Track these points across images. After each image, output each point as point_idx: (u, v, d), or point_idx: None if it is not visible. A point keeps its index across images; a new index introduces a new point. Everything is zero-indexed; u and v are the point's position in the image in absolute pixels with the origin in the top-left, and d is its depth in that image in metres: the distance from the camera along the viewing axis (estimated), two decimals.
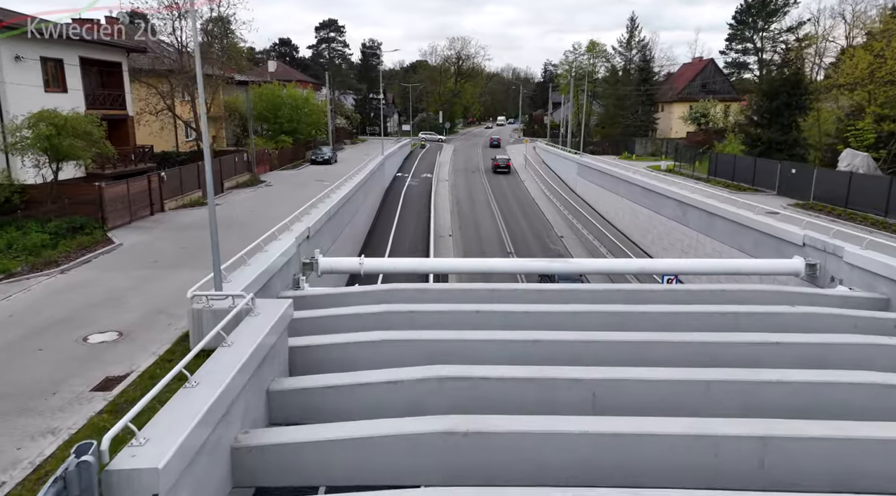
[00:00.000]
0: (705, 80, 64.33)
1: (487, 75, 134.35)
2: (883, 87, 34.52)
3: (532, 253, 34.19)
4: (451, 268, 18.41)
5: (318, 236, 19.49)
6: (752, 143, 38.59)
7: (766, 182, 31.68)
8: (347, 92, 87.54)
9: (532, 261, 17.75)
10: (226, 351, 8.19)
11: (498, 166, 59.12)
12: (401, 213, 41.53)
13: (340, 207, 23.95)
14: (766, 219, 19.88)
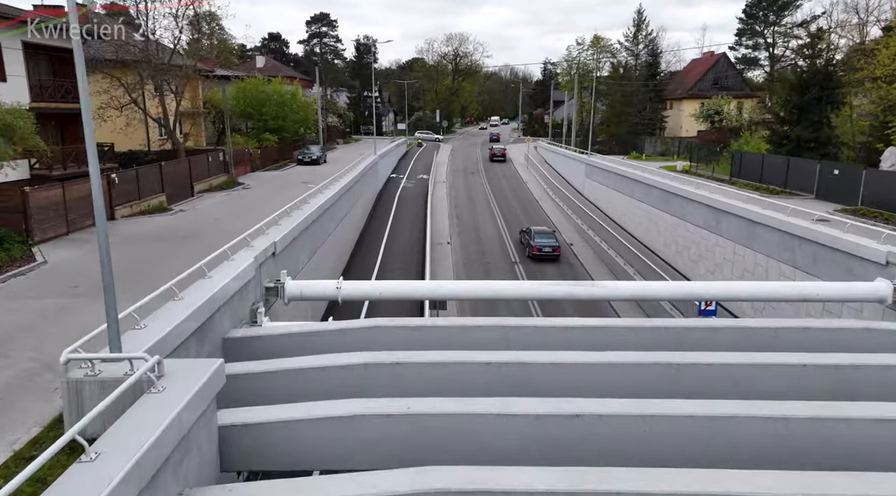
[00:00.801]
0: (717, 76, 61.02)
1: (485, 74, 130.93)
2: None
3: (539, 264, 30.79)
4: (449, 292, 14.55)
5: (288, 252, 16.05)
6: (778, 142, 35.25)
7: (801, 184, 28.35)
8: (340, 89, 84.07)
9: (549, 286, 14.13)
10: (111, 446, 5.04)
11: (494, 155, 65.60)
12: (394, 217, 38.10)
13: (321, 215, 20.51)
14: (831, 230, 16.49)
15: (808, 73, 33.57)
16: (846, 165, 26.05)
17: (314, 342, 11.04)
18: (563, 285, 14.09)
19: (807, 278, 17.22)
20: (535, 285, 14.52)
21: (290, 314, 16.04)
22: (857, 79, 34.46)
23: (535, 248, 31.12)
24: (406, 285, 14.63)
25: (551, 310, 22.06)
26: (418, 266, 27.61)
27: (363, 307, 20.20)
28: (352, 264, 26.52)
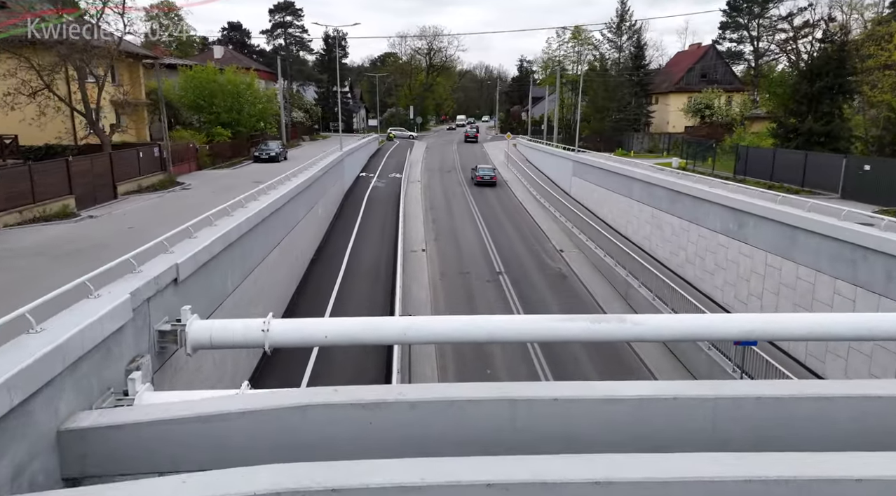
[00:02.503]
0: (705, 69, 58.16)
1: (461, 72, 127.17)
2: None
3: (526, 272, 26.93)
4: (422, 334, 9.36)
5: (202, 277, 11.79)
6: (785, 136, 32.08)
7: (822, 182, 25.07)
8: (308, 83, 79.22)
9: (561, 322, 9.13)
10: None
11: (481, 180, 46.47)
12: (362, 221, 33.87)
13: (259, 223, 16.25)
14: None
15: (820, 59, 30.41)
16: (880, 161, 22.81)
17: (213, 433, 6.76)
18: (580, 320, 9.61)
19: (875, 300, 13.63)
20: (540, 321, 10.06)
21: (204, 373, 11.77)
22: (870, 66, 31.54)
23: (479, 176, 46.27)
24: (363, 325, 10.26)
25: (556, 351, 18.09)
26: (387, 281, 23.48)
27: (311, 355, 15.97)
28: (305, 286, 22.25)
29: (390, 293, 21.81)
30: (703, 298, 21.23)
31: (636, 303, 22.25)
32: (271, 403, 7.06)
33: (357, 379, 16.43)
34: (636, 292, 22.24)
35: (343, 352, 16.43)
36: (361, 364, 16.66)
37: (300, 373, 15.84)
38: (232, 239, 13.68)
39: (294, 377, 15.33)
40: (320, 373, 15.88)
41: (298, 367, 15.40)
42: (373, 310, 20.53)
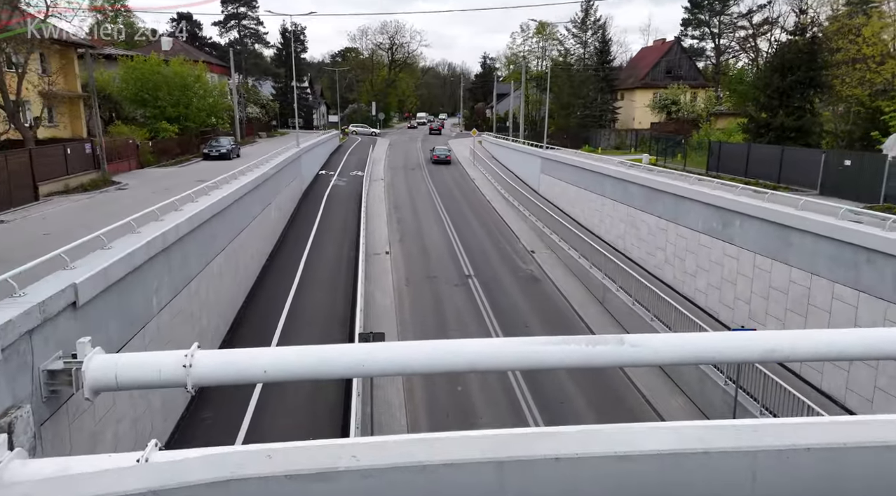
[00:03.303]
0: (670, 65, 57.83)
1: (423, 68, 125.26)
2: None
3: (497, 275, 25.38)
4: (385, 364, 6.76)
5: (111, 298, 9.75)
6: (756, 131, 31.43)
7: (799, 178, 24.28)
8: (264, 78, 75.96)
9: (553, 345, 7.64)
10: None
11: (437, 158, 55.99)
12: (321, 223, 31.75)
13: (196, 228, 14.16)
14: None
15: (791, 53, 29.78)
16: (860, 155, 22.08)
17: None
18: (573, 343, 8.12)
19: (881, 307, 12.49)
20: (526, 344, 8.41)
21: (114, 420, 9.71)
22: (839, 60, 31.15)
23: (436, 155, 55.01)
24: (312, 356, 8.29)
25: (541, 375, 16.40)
26: (348, 289, 21.54)
27: (254, 391, 13.92)
28: (255, 298, 20.10)
29: (351, 303, 19.93)
30: (688, 303, 20.05)
31: (614, 308, 20.94)
32: (180, 478, 5.10)
33: (312, 401, 14.54)
34: (614, 296, 20.93)
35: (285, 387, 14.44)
36: (319, 382, 14.75)
37: (246, 398, 13.85)
38: (158, 248, 11.60)
39: (236, 408, 13.34)
40: (269, 399, 13.92)
41: (237, 408, 13.37)
42: (330, 323, 18.59)
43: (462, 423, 14.66)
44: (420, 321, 20.81)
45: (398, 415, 14.89)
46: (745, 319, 17.39)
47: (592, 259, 23.53)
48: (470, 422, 14.69)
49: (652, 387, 16.08)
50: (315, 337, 17.28)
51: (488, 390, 16.46)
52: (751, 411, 13.05)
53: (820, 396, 13.76)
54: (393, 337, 18.96)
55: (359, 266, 21.63)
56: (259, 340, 16.56)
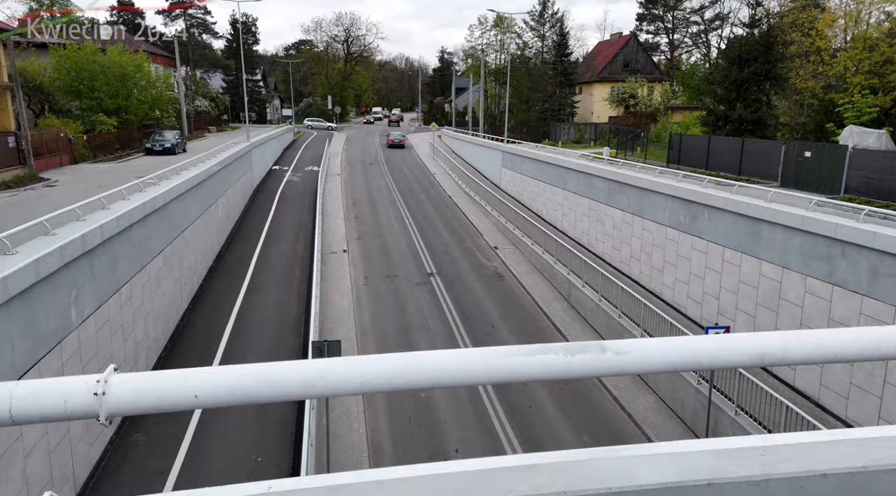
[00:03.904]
0: (627, 59, 58.08)
1: (381, 62, 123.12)
2: (865, 52, 28.60)
3: (460, 272, 24.51)
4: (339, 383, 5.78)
5: (13, 311, 8.35)
6: (715, 124, 31.49)
7: (760, 170, 24.25)
8: (213, 70, 72.88)
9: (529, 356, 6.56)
10: None
11: (392, 143, 62.08)
12: (274, 221, 30.18)
13: (128, 228, 12.70)
14: None
15: (748, 45, 29.87)
16: (821, 146, 22.10)
17: None
18: (552, 351, 7.18)
19: (857, 300, 12.14)
20: (498, 355, 7.45)
21: (18, 461, 8.30)
22: (793, 53, 31.49)
23: (391, 140, 61.58)
24: (254, 376, 7.27)
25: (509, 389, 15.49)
26: (302, 290, 20.23)
27: (193, 417, 12.58)
28: (199, 303, 18.59)
29: (305, 306, 18.67)
30: (656, 299, 19.61)
31: (580, 304, 20.35)
32: None
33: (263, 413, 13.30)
34: (580, 292, 20.33)
35: None
36: None
37: (187, 412, 12.51)
38: (77, 252, 10.17)
39: (174, 426, 11.99)
40: (215, 413, 12.62)
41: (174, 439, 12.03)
42: (283, 329, 17.28)
43: (425, 431, 13.71)
44: (380, 323, 19.74)
45: (356, 426, 13.82)
46: (713, 315, 17.02)
47: (557, 255, 22.91)
48: (434, 428, 13.75)
49: (621, 386, 15.49)
50: (266, 344, 16.00)
51: (452, 393, 15.56)
52: (725, 411, 12.56)
53: (793, 393, 13.39)
54: (351, 342, 17.85)
55: (314, 265, 20.32)
56: (203, 350, 15.18)
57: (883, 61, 27.80)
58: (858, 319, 11.97)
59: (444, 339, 18.62)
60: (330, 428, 13.08)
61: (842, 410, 12.47)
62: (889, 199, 18.30)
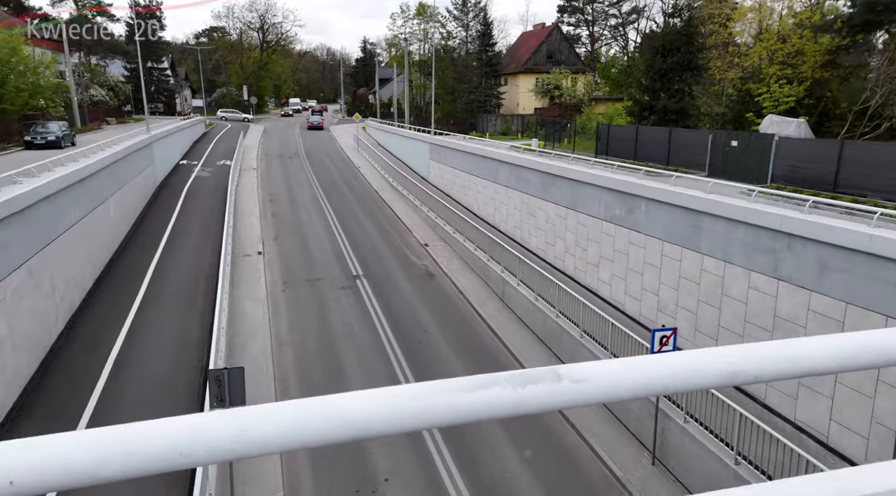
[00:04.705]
0: (551, 50, 58.02)
1: (301, 52, 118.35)
2: (778, 43, 29.34)
3: (389, 273, 22.88)
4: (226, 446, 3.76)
5: None
6: (640, 114, 31.45)
7: (688, 160, 24.13)
8: (111, 57, 66.68)
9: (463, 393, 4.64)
10: None
11: (311, 125, 67.16)
12: (178, 220, 27.24)
13: None
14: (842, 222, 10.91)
15: (671, 34, 29.90)
16: (747, 136, 22.11)
17: None
18: (499, 383, 5.67)
19: (804, 296, 11.59)
20: (438, 393, 5.71)
21: None
22: (712, 43, 31.96)
23: (310, 122, 67.33)
24: (99, 443, 5.03)
25: None
26: (207, 301, 17.88)
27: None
28: (79, 324, 15.90)
29: (211, 320, 16.41)
30: (593, 296, 18.81)
31: (516, 303, 19.27)
32: None
33: None
34: (515, 291, 19.25)
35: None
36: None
37: None
38: None
39: None
40: None
41: None
42: (181, 352, 14.94)
43: (350, 460, 12.04)
44: (300, 334, 17.80)
45: (271, 463, 11.93)
46: (653, 311, 16.36)
47: (490, 251, 21.73)
48: (363, 469, 12.00)
49: (585, 419, 14.43)
50: (158, 373, 13.68)
51: None
52: (673, 418, 11.74)
53: (741, 395, 12.79)
54: (265, 359, 15.84)
55: (220, 272, 18.00)
56: (78, 383, 12.72)
57: (794, 52, 28.58)
58: (806, 316, 11.43)
59: (373, 349, 16.98)
60: (236, 466, 11.14)
61: (790, 412, 11.95)
62: (815, 187, 18.33)
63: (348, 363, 16.24)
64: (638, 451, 12.83)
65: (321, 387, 15.00)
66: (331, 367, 15.96)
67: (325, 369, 15.87)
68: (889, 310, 9.85)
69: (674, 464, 11.95)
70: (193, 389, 12.74)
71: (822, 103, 27.76)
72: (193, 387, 12.76)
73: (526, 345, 17.35)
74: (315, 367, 15.94)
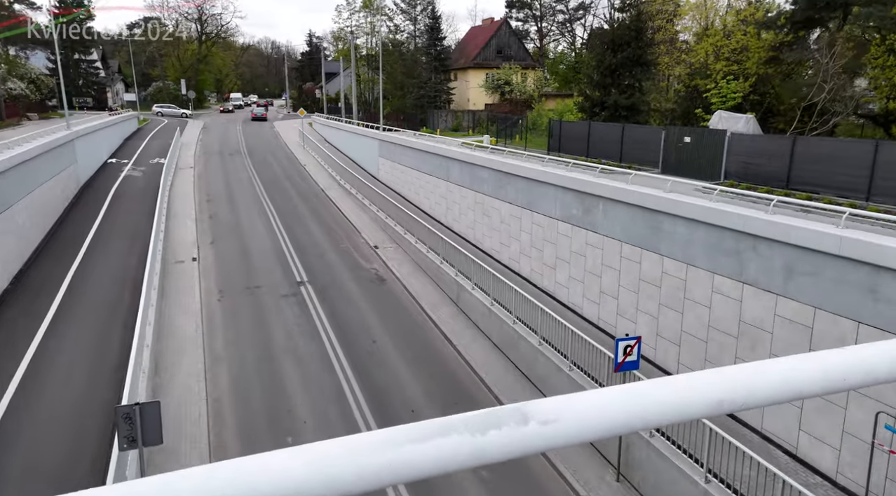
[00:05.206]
0: (501, 45, 57.42)
1: (244, 45, 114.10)
2: (724, 39, 29.55)
3: (336, 278, 21.57)
4: None
5: None
6: (591, 109, 31.11)
7: (641, 156, 23.81)
8: (31, 47, 61.93)
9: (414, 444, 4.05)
10: None
11: (255, 117, 70.62)
12: (103, 224, 25.01)
13: None
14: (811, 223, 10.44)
15: (621, 29, 29.62)
16: (700, 132, 21.89)
17: None
18: (455, 430, 4.70)
19: (770, 300, 11.10)
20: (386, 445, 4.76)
21: None
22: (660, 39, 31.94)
23: (254, 114, 71.71)
24: None
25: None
26: (130, 318, 16.11)
27: None
28: None
29: (125, 342, 14.71)
30: (549, 299, 18.09)
31: (470, 308, 18.35)
32: None
33: None
34: (470, 295, 18.32)
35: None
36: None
37: None
38: None
39: None
40: None
41: None
42: (94, 382, 13.20)
43: None
44: (237, 349, 16.32)
45: None
46: (613, 315, 15.75)
47: (443, 253, 20.72)
48: None
49: None
50: (62, 412, 11.98)
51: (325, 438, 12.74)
52: (640, 433, 11.03)
53: None
54: (196, 381, 14.33)
55: (144, 281, 16.22)
56: None
57: (740, 48, 28.81)
58: (773, 321, 10.93)
59: (318, 363, 15.70)
60: None
61: (757, 422, 11.46)
62: (768, 183, 18.20)
63: (291, 380, 14.91)
64: (602, 467, 12.11)
65: (260, 409, 13.65)
66: (271, 386, 14.60)
67: (265, 388, 14.50)
68: (859, 315, 9.40)
69: (639, 481, 11.28)
70: (103, 427, 11.17)
71: (766, 99, 28.08)
72: (103, 424, 11.19)
73: (482, 353, 16.44)
74: (253, 386, 14.55)
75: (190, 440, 12.35)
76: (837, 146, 17.22)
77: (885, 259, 8.81)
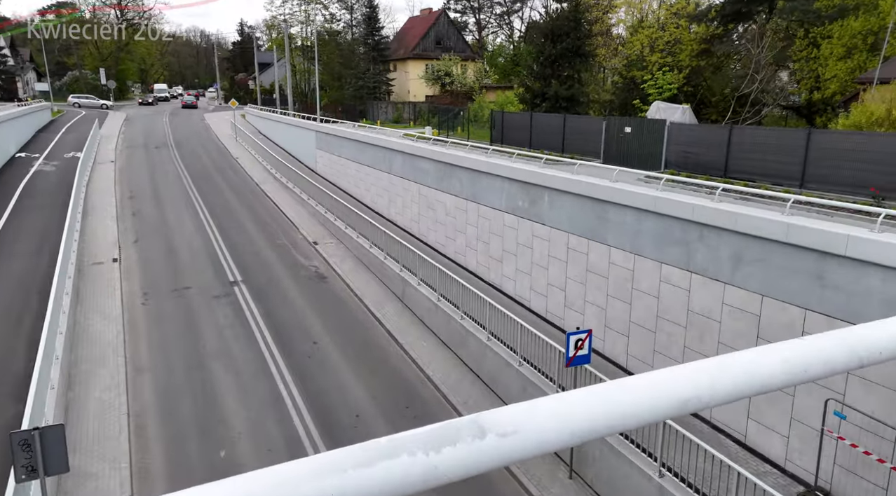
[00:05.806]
0: (439, 36, 56.71)
1: (171, 34, 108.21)
2: (658, 31, 30.10)
3: (273, 277, 20.43)
4: None
5: None
6: (532, 100, 30.98)
7: (582, 147, 23.77)
8: None
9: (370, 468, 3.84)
10: None
11: (185, 104, 71.48)
12: (8, 225, 22.72)
13: None
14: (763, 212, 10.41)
15: (560, 20, 29.58)
16: (640, 122, 22.00)
17: None
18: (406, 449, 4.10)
19: (718, 289, 11.04)
20: (331, 472, 4.13)
21: None
22: (598, 30, 32.20)
23: (183, 102, 72.67)
24: None
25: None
26: (36, 325, 14.51)
27: None
28: None
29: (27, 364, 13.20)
30: (496, 292, 17.69)
31: (416, 304, 17.72)
32: None
33: None
34: (415, 291, 17.69)
35: None
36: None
37: None
38: None
39: None
40: None
41: None
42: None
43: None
44: (164, 356, 15.04)
45: None
46: (560, 307, 15.50)
47: (387, 248, 19.96)
48: None
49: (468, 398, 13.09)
50: None
51: (263, 451, 11.89)
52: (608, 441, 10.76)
53: None
54: (115, 394, 13.03)
55: (52, 287, 14.61)
56: None
57: (673, 41, 29.40)
58: (721, 310, 10.88)
59: (254, 369, 14.66)
60: None
61: (705, 411, 11.41)
62: (707, 172, 18.44)
63: (224, 389, 13.83)
64: (554, 464, 11.79)
65: (189, 422, 12.54)
66: (202, 396, 13.48)
67: (195, 399, 13.37)
68: (807, 302, 9.41)
69: (592, 477, 11.02)
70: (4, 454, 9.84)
71: (699, 91, 28.80)
72: (1, 453, 9.86)
73: (430, 351, 15.85)
74: (182, 398, 13.38)
75: (109, 461, 11.15)
76: (772, 135, 17.61)
77: (831, 245, 8.79)
